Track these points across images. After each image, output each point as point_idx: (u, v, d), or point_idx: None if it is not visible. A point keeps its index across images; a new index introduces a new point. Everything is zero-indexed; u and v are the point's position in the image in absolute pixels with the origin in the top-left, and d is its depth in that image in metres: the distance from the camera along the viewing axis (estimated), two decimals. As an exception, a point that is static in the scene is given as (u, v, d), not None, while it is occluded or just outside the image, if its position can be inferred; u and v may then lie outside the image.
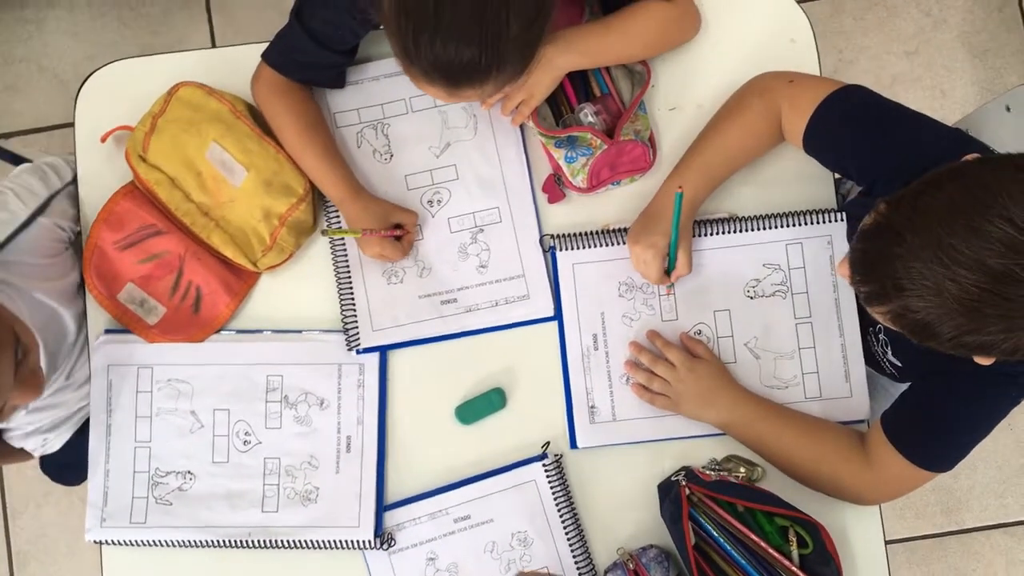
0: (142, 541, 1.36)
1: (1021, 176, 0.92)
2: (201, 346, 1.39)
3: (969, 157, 1.01)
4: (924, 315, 0.95)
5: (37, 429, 1.49)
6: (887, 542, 2.31)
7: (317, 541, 1.35)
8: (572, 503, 1.36)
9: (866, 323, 1.37)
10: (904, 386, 1.30)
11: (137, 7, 2.46)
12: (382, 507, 1.36)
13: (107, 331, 1.40)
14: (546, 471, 1.35)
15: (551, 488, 1.35)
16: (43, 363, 1.28)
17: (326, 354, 1.39)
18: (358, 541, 1.35)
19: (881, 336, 1.34)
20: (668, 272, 1.35)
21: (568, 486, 1.36)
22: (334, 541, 1.35)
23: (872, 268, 0.99)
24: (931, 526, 2.34)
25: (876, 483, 1.28)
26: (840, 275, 1.15)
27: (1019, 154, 0.97)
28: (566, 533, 1.35)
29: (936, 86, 2.42)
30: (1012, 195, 0.90)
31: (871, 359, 1.38)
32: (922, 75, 2.42)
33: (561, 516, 1.35)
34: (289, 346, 1.39)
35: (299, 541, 1.36)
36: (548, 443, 1.37)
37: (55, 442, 1.53)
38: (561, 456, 1.37)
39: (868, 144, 1.22)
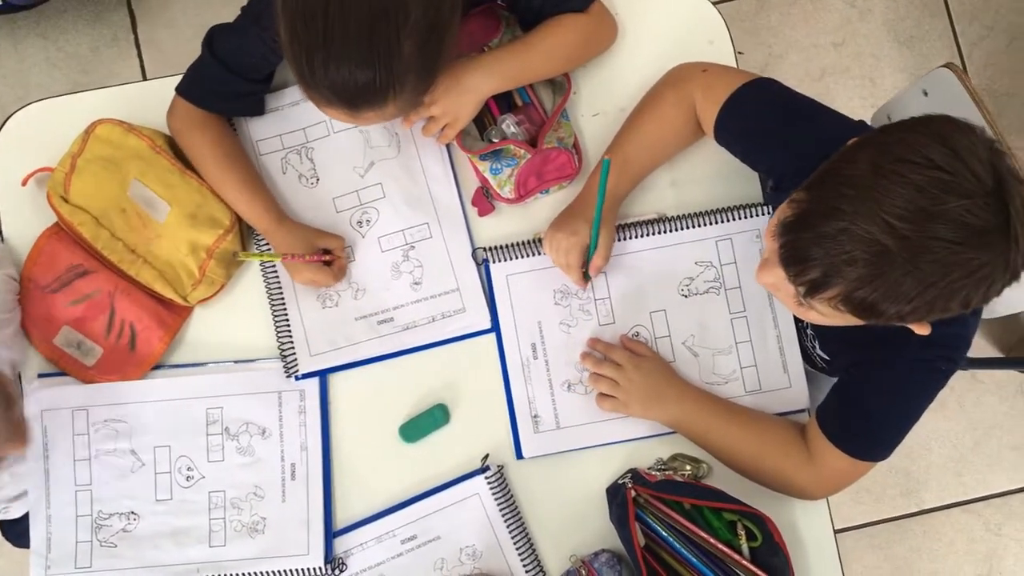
0: (91, 586, 1.34)
1: (922, 129, 0.96)
2: (136, 384, 1.37)
3: (853, 140, 1.03)
4: (874, 285, 0.95)
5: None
6: (847, 529, 2.34)
7: (267, 572, 1.34)
8: (518, 513, 1.36)
9: (797, 318, 1.38)
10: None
11: (64, 47, 2.44)
12: (331, 533, 1.35)
13: (40, 375, 1.38)
14: (489, 483, 1.35)
15: (495, 500, 1.34)
16: None
17: (265, 383, 1.38)
18: (308, 569, 1.34)
19: (808, 332, 1.36)
20: (586, 273, 1.35)
21: (512, 497, 1.36)
22: (284, 571, 1.34)
23: (810, 254, 0.98)
24: (891, 509, 2.36)
25: (818, 478, 1.29)
26: (761, 283, 1.15)
27: (911, 118, 1.01)
28: (515, 544, 1.34)
29: (865, 75, 2.45)
30: (924, 144, 0.93)
31: (804, 354, 1.39)
32: (851, 65, 2.45)
33: (508, 527, 1.34)
34: (227, 377, 1.38)
35: (249, 574, 1.34)
36: (487, 455, 1.36)
37: (16, 510, 1.49)
38: (503, 467, 1.37)
39: (776, 137, 1.24)
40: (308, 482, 1.36)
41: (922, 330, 1.05)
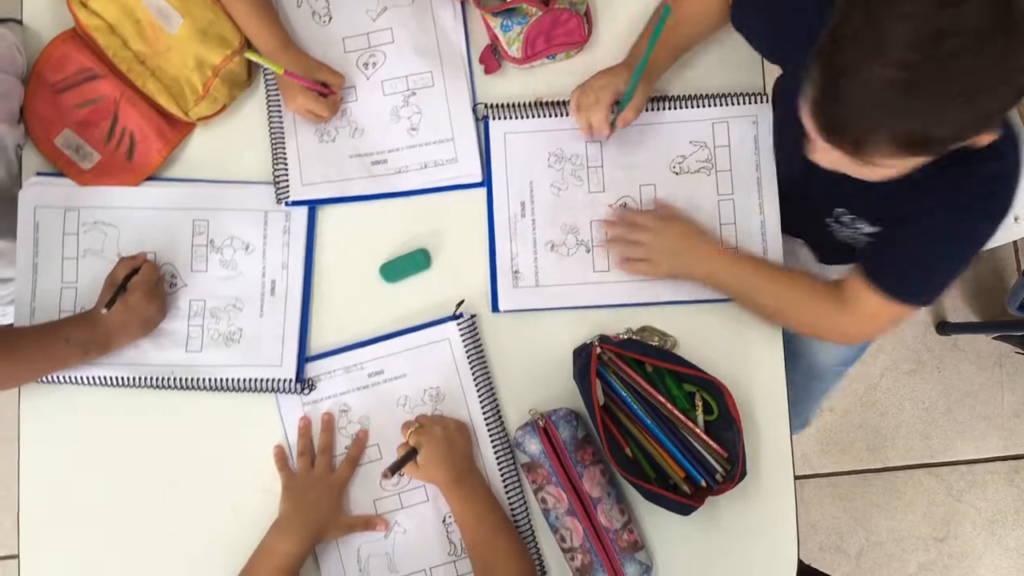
0: (67, 379, 1.37)
1: None
2: (129, 190, 1.40)
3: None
4: (910, 122, 0.96)
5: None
6: (811, 476, 2.36)
7: (239, 380, 1.37)
8: (485, 363, 1.38)
9: (823, 214, 1.39)
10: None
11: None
12: (304, 353, 1.38)
13: (39, 173, 1.41)
14: (460, 330, 1.37)
15: (464, 347, 1.37)
16: None
17: (253, 201, 1.41)
18: (280, 380, 1.36)
19: (844, 217, 1.35)
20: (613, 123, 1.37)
21: (481, 346, 1.39)
22: (256, 380, 1.36)
23: (837, 119, 1.00)
24: (855, 462, 2.39)
25: (855, 321, 1.30)
26: (820, 164, 1.13)
27: None
28: (478, 391, 1.37)
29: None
30: None
31: (838, 251, 1.43)
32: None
33: (474, 374, 1.37)
34: (216, 192, 1.41)
35: (221, 380, 1.37)
36: (462, 301, 1.39)
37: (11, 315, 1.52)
38: (476, 317, 1.40)
39: (788, 7, 1.26)
40: (287, 300, 1.39)
41: (986, 139, 1.03)
